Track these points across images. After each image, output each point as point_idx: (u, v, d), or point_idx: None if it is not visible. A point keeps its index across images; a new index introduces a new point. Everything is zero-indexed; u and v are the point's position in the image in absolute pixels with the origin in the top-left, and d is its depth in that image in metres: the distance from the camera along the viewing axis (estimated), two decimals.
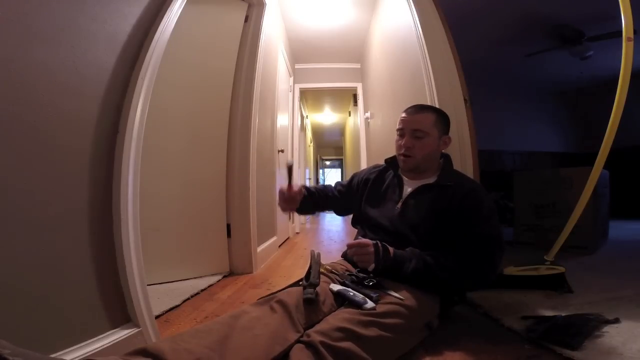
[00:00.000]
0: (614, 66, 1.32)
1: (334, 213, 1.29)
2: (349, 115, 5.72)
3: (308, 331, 0.68)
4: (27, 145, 0.66)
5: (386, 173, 1.15)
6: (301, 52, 3.72)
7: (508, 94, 4.70)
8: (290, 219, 3.41)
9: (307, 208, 1.19)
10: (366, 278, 0.87)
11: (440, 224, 0.96)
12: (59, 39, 0.72)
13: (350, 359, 0.63)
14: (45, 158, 0.70)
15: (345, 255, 1.09)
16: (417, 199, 1.02)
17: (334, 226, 4.54)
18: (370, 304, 0.76)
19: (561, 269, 1.28)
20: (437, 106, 1.31)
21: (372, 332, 0.70)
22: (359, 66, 3.95)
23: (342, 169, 10.55)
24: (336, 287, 0.84)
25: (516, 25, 3.10)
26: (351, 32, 3.25)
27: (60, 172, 0.74)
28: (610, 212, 2.34)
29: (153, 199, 1.55)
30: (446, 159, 1.11)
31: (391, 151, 1.14)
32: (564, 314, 0.96)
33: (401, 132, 1.06)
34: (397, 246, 0.94)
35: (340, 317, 0.71)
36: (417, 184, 1.05)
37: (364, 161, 3.71)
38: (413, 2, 1.56)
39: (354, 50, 3.66)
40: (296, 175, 3.78)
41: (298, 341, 0.65)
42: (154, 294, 1.27)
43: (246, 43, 1.93)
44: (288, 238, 3.23)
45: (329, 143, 9.94)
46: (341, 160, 10.24)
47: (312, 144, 7.54)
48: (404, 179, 1.09)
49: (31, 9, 0.66)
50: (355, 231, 1.19)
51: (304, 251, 2.59)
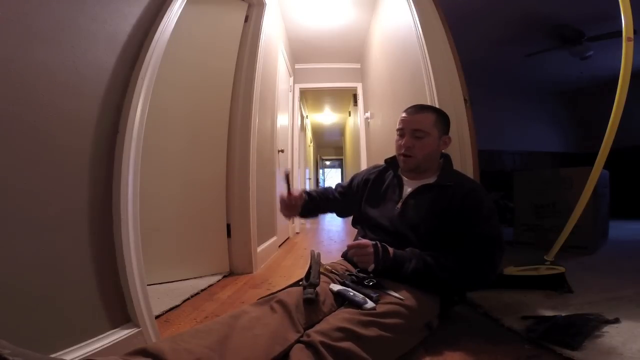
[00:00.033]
0: (614, 66, 1.32)
1: (335, 215, 1.29)
2: (349, 115, 5.72)
3: (308, 331, 0.68)
4: (27, 145, 0.66)
5: (386, 173, 1.15)
6: (301, 52, 3.72)
7: (508, 94, 4.70)
8: (290, 219, 3.41)
9: (309, 212, 1.20)
10: (366, 278, 0.87)
11: (440, 224, 0.96)
12: (59, 39, 0.72)
13: (350, 359, 0.63)
14: (45, 158, 0.70)
15: (345, 255, 1.09)
16: (417, 199, 1.02)
17: (334, 226, 4.54)
18: (370, 304, 0.76)
19: (561, 269, 1.28)
20: (437, 106, 1.31)
21: (372, 332, 0.70)
22: (359, 66, 3.95)
23: (342, 169, 10.55)
24: (336, 287, 0.84)
25: (516, 25, 3.10)
26: (351, 32, 3.25)
27: (60, 172, 0.74)
28: (610, 212, 2.33)
29: (153, 199, 1.55)
30: (446, 159, 1.11)
31: (391, 151, 1.14)
32: (564, 314, 0.96)
33: (401, 132, 1.06)
34: (397, 246, 0.94)
35: (340, 317, 0.71)
36: (417, 184, 1.05)
37: (364, 161, 3.71)
38: (413, 2, 1.56)
39: (354, 50, 3.66)
40: (296, 177, 3.79)
41: (298, 341, 0.65)
42: (154, 294, 1.27)
43: (246, 43, 1.93)
44: (288, 238, 3.23)
45: (329, 143, 9.95)
46: (341, 160, 10.25)
47: (312, 144, 7.54)
48: (403, 179, 1.09)
49: (31, 9, 0.66)
50: (355, 231, 1.19)
51: (304, 251, 2.58)
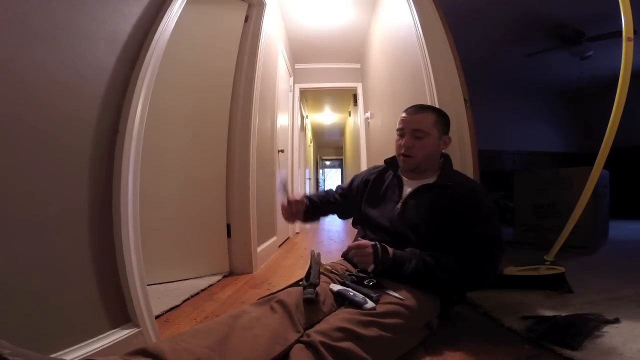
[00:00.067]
0: (614, 66, 1.32)
1: (337, 217, 1.30)
2: (349, 115, 5.72)
3: (308, 331, 0.68)
4: (27, 145, 0.66)
5: (386, 173, 1.15)
6: (301, 52, 3.72)
7: (508, 94, 4.70)
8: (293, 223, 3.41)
9: (311, 216, 1.21)
10: (366, 278, 0.87)
11: (440, 224, 0.96)
12: (59, 39, 0.72)
13: (350, 359, 0.63)
14: (45, 158, 0.70)
15: (345, 255, 1.09)
16: (417, 199, 1.02)
17: (334, 226, 4.54)
18: (370, 304, 0.76)
19: (561, 269, 1.28)
20: (437, 106, 1.31)
21: (372, 332, 0.70)
22: (359, 66, 3.95)
23: (342, 169, 10.55)
24: (336, 287, 0.84)
25: (516, 25, 3.10)
26: (351, 32, 3.25)
27: (60, 172, 0.74)
28: (610, 212, 2.33)
29: (153, 198, 1.55)
30: (446, 159, 1.11)
31: (391, 151, 1.14)
32: (564, 314, 0.96)
33: (401, 132, 1.06)
34: (397, 246, 0.94)
35: (340, 317, 0.71)
36: (417, 184, 1.05)
37: (364, 161, 3.71)
38: (413, 2, 1.56)
39: (354, 50, 3.66)
40: (296, 177, 3.79)
41: (298, 341, 0.65)
42: (154, 294, 1.27)
43: (246, 43, 1.93)
44: (288, 238, 3.22)
45: (329, 143, 9.94)
46: (341, 160, 10.24)
47: (312, 144, 7.54)
48: (403, 179, 1.09)
49: (31, 9, 0.66)
50: (355, 231, 1.19)
51: (304, 251, 2.58)
